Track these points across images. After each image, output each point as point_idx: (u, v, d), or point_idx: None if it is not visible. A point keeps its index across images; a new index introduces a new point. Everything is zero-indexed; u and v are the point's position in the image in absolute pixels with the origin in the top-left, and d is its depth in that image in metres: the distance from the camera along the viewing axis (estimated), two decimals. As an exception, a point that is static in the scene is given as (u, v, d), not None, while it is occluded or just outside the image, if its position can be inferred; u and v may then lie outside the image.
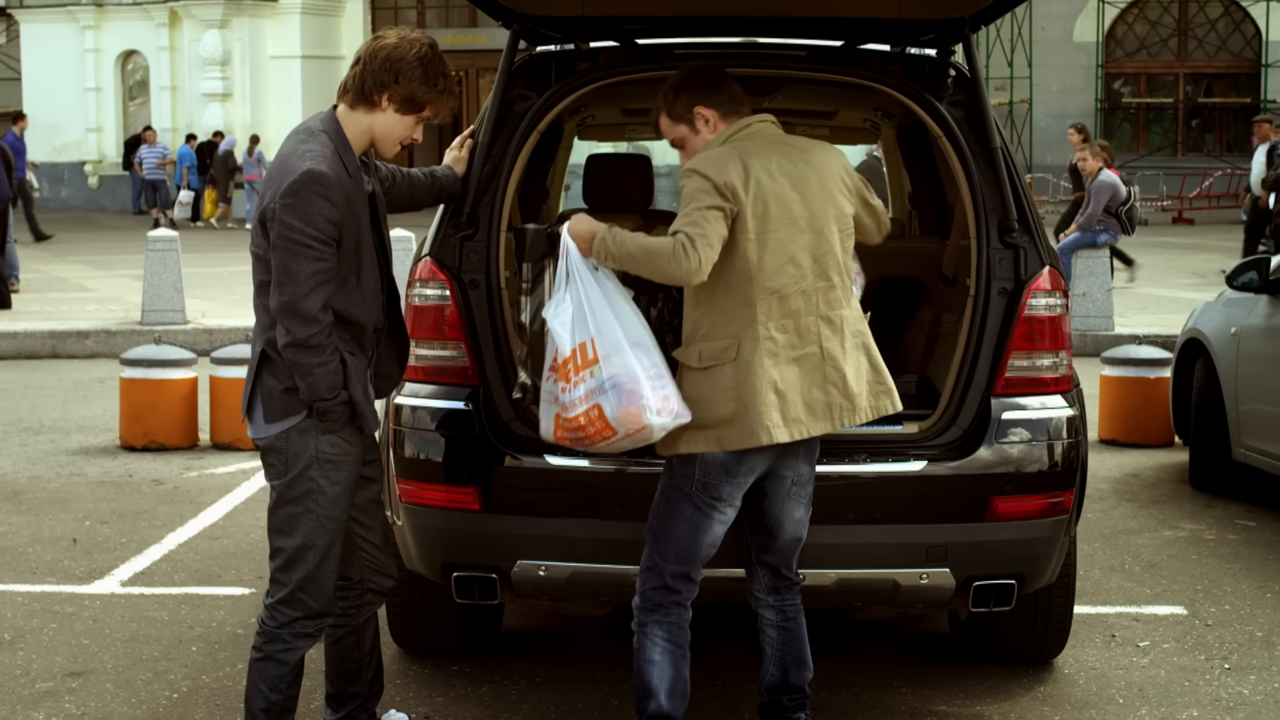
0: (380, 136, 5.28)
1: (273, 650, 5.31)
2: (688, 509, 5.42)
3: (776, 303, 5.34)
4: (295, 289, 5.02)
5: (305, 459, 5.20)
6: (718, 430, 5.32)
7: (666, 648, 5.45)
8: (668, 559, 5.45)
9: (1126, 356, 12.06)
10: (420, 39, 5.27)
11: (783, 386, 5.31)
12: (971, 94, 6.29)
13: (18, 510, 9.75)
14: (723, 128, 5.54)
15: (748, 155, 5.40)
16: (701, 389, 5.36)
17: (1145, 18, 39.07)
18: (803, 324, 5.37)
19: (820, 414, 5.38)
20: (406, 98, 5.22)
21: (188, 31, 39.96)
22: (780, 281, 5.34)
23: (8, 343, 16.97)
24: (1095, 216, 18.49)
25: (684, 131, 5.60)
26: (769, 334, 5.32)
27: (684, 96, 5.58)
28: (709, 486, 5.39)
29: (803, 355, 5.37)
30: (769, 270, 5.33)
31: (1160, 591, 8.06)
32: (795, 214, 5.40)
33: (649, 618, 5.47)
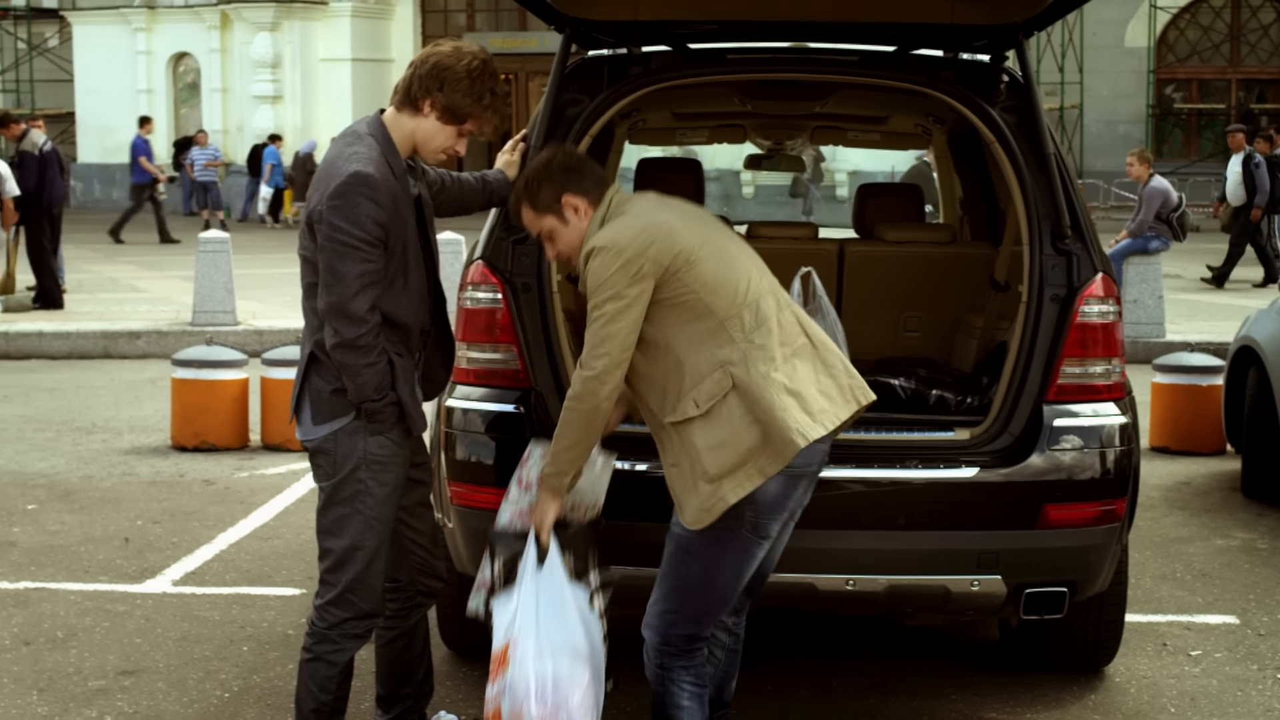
0: (421, 142, 5.29)
1: (322, 651, 5.33)
2: (734, 555, 5.11)
3: (749, 314, 5.06)
4: (343, 290, 5.04)
5: (353, 460, 5.21)
6: (755, 461, 4.98)
7: (695, 692, 5.23)
8: (709, 610, 5.21)
9: (1178, 364, 11.99)
10: (474, 53, 5.26)
11: (794, 385, 5.04)
12: (1025, 99, 6.28)
13: (70, 509, 9.81)
14: (592, 213, 5.24)
15: (646, 208, 5.19)
16: (715, 431, 5.00)
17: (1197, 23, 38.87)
18: (782, 320, 5.14)
19: (838, 397, 5.13)
20: (448, 107, 5.21)
21: (239, 34, 40.13)
22: (740, 293, 5.08)
23: (60, 343, 17.08)
24: (1147, 223, 18.41)
25: (552, 223, 5.27)
26: (754, 344, 5.04)
27: (548, 186, 5.25)
28: (759, 526, 5.07)
29: (796, 349, 5.12)
30: (725, 291, 5.06)
31: (1212, 600, 8.01)
32: (717, 234, 5.24)
33: (675, 663, 5.22)
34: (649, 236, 5.02)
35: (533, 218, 5.32)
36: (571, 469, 5.21)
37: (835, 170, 35.83)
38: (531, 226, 5.36)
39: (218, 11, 40.07)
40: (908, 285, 7.96)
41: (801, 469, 5.07)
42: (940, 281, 7.84)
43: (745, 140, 10.50)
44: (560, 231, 5.28)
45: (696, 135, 10.13)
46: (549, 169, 5.29)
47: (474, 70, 5.20)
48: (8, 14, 44.91)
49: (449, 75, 5.19)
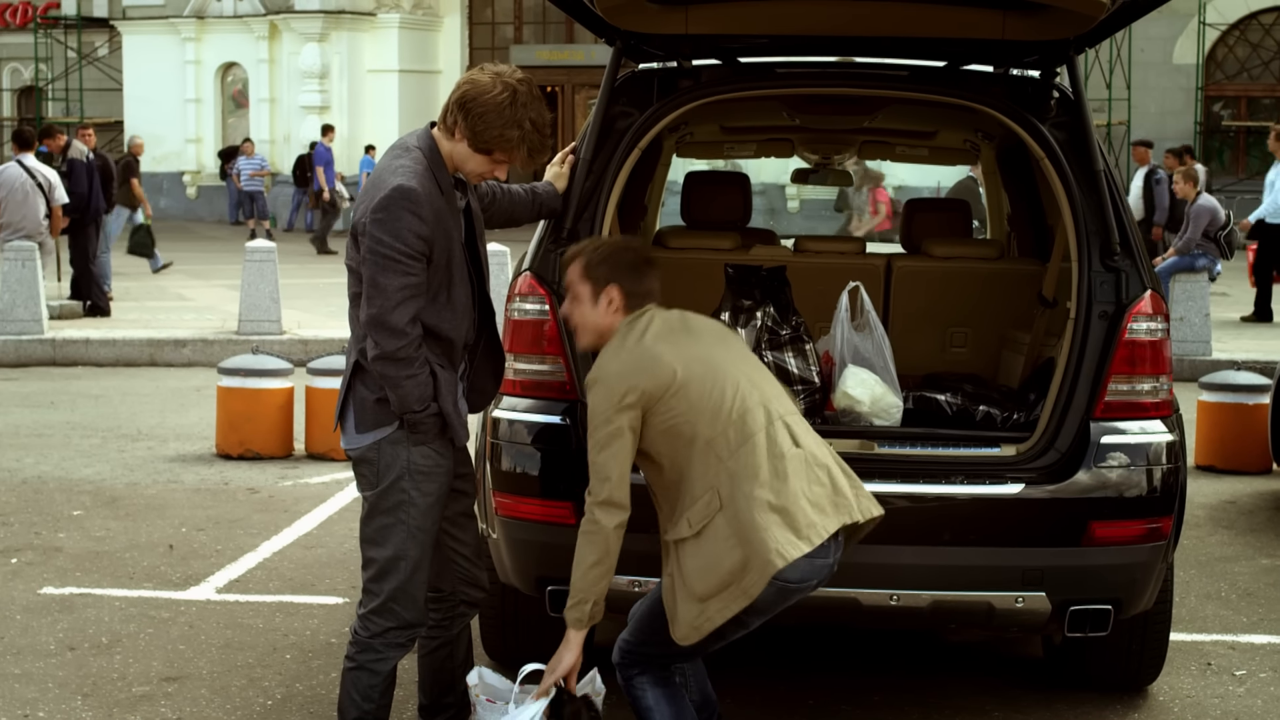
0: (459, 165, 5.29)
1: (365, 660, 5.35)
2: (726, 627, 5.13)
3: (733, 432, 5.12)
4: (384, 302, 5.06)
5: (397, 470, 5.23)
6: (739, 583, 5.02)
7: (656, 687, 5.28)
8: (669, 658, 5.32)
9: (1224, 382, 11.94)
10: (508, 83, 5.17)
11: (779, 501, 5.04)
12: (1075, 116, 6.27)
13: (116, 516, 9.86)
14: (618, 318, 5.36)
15: (648, 340, 5.25)
16: (703, 552, 5.08)
17: (1247, 40, 38.66)
18: (772, 432, 5.14)
19: (829, 509, 5.10)
20: (473, 138, 5.19)
21: (287, 44, 40.28)
22: (725, 411, 5.14)
23: (107, 350, 17.17)
24: (1194, 241, 18.34)
25: (586, 293, 5.39)
26: (739, 462, 5.09)
27: (607, 267, 5.37)
28: (744, 622, 5.13)
29: (788, 460, 5.11)
30: (708, 412, 5.14)
31: (1257, 620, 7.97)
32: (710, 353, 5.27)
33: (630, 671, 5.32)
34: (636, 369, 5.18)
35: (576, 276, 5.42)
36: (592, 595, 5.24)
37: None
38: (568, 279, 5.46)
39: (266, 22, 40.24)
40: (955, 301, 7.94)
41: (797, 584, 5.06)
42: (987, 297, 7.82)
43: (792, 154, 10.50)
44: (584, 307, 5.41)
45: (744, 149, 10.13)
46: (620, 255, 5.41)
47: (501, 102, 5.14)
48: (58, 23, 45.18)
49: (474, 107, 5.16)
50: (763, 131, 9.22)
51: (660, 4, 6.07)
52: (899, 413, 6.30)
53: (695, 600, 5.08)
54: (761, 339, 6.61)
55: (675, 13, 6.12)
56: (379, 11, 40.08)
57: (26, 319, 17.15)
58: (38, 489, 10.61)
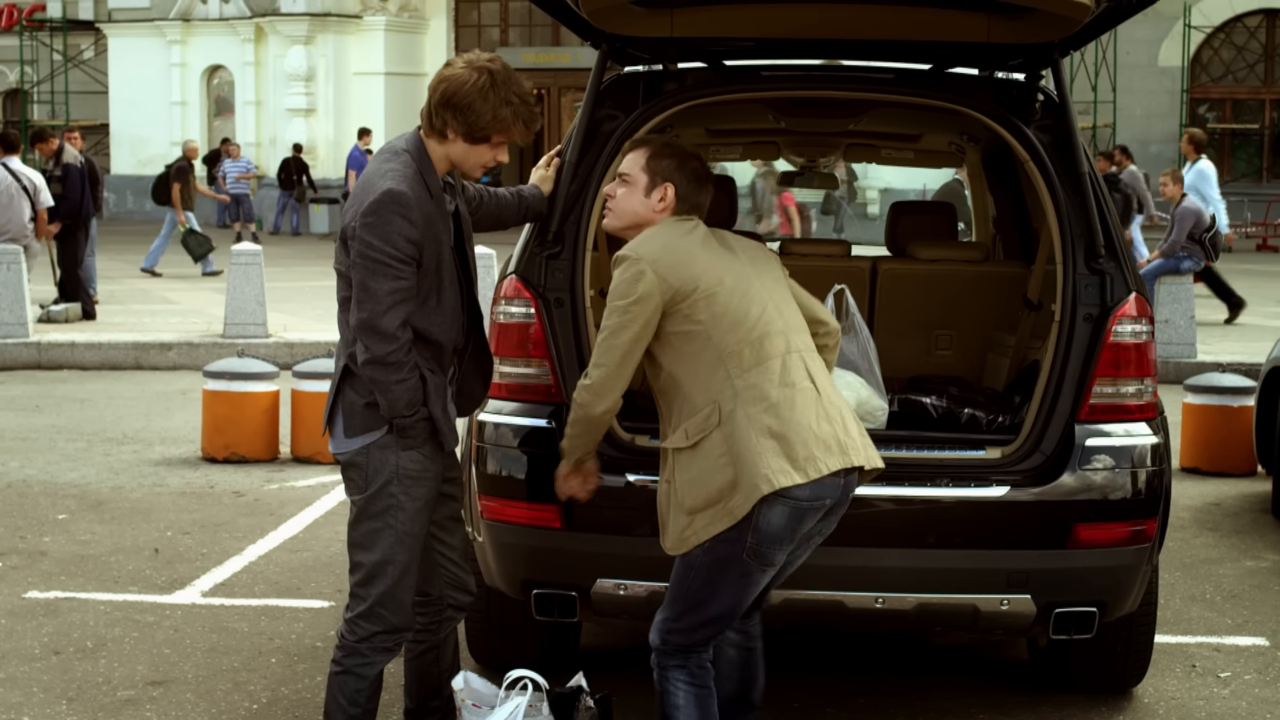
0: (458, 163, 5.30)
1: (352, 664, 5.34)
2: (735, 577, 5.10)
3: (749, 352, 5.10)
4: (374, 306, 5.05)
5: (386, 474, 5.23)
6: (725, 502, 5.00)
7: (690, 691, 5.20)
8: (706, 625, 5.18)
9: (1209, 384, 11.97)
10: (483, 67, 5.18)
11: (780, 428, 5.01)
12: (1060, 119, 6.27)
13: (101, 519, 9.85)
14: (663, 217, 5.36)
15: (689, 240, 5.27)
16: (696, 465, 5.07)
17: (1232, 42, 38.76)
18: (788, 362, 5.12)
19: (835, 447, 5.06)
20: (468, 130, 5.20)
21: (273, 47, 40.24)
22: (746, 328, 5.13)
23: (92, 353, 17.15)
24: (1179, 243, 18.37)
25: (639, 181, 5.40)
26: (749, 383, 5.07)
27: (670, 164, 5.39)
28: (762, 554, 5.06)
29: (798, 391, 5.09)
30: (729, 324, 5.12)
31: (1242, 622, 7.99)
32: (739, 269, 5.26)
33: (670, 662, 5.22)
34: (671, 259, 5.17)
35: (638, 164, 5.42)
36: (579, 452, 5.52)
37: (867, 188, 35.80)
38: (626, 165, 5.48)
39: (252, 25, 40.20)
40: (940, 303, 7.95)
41: (809, 502, 5.02)
42: (973, 300, 7.83)
43: (778, 157, 10.50)
44: (635, 195, 5.41)
45: (730, 152, 10.13)
46: (686, 161, 5.43)
47: (483, 87, 5.16)
48: (44, 26, 45.12)
49: (459, 101, 5.16)
50: (748, 134, 9.22)
51: (645, 7, 6.07)
52: (884, 415, 6.30)
53: (684, 512, 5.08)
54: None
55: (660, 16, 6.12)
56: (365, 14, 40.06)
57: (12, 322, 17.12)
58: (23, 493, 10.60)
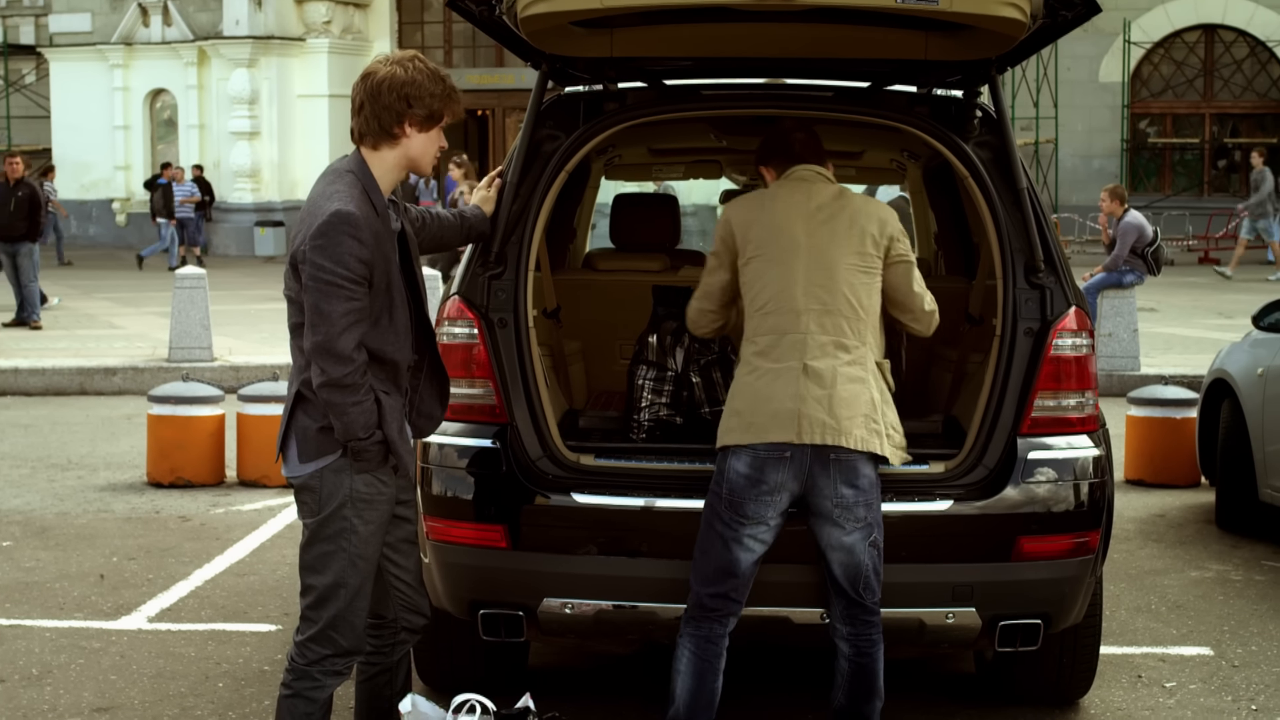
0: (415, 160, 5.31)
1: (302, 687, 5.32)
2: (719, 527, 5.59)
3: (759, 319, 5.71)
4: (329, 329, 5.05)
5: (339, 498, 5.21)
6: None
7: (692, 660, 5.62)
8: (703, 579, 5.63)
9: (1152, 397, 12.04)
10: (407, 57, 5.30)
11: (747, 399, 5.63)
12: (998, 134, 6.32)
13: (45, 546, 9.79)
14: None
15: (768, 193, 5.87)
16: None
17: (1171, 58, 39.01)
18: (785, 340, 5.64)
19: (785, 424, 5.55)
20: (426, 116, 5.24)
21: (216, 70, 40.05)
22: (764, 299, 5.71)
23: (36, 379, 17.05)
24: (1122, 257, 18.46)
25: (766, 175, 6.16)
26: (753, 349, 5.70)
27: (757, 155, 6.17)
28: (734, 504, 5.57)
29: (784, 369, 5.61)
30: (755, 290, 5.74)
31: (1187, 632, 8.04)
32: (795, 241, 5.73)
33: (685, 629, 5.67)
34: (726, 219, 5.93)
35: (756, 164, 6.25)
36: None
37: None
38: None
39: (195, 48, 40.02)
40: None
41: (766, 451, 5.55)
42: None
43: (721, 175, 10.53)
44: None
45: (672, 171, 10.15)
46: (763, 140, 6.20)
47: (423, 71, 5.25)
48: (-16, 51, 44.88)
49: (411, 89, 5.20)
50: (691, 153, 9.25)
51: (585, 27, 6.08)
52: None
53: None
54: (690, 359, 6.63)
55: (600, 36, 6.14)
56: (308, 37, 39.94)
57: (-46, 349, 17.04)
58: (-34, 520, 10.53)
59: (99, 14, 41.61)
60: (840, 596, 5.69)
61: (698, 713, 5.61)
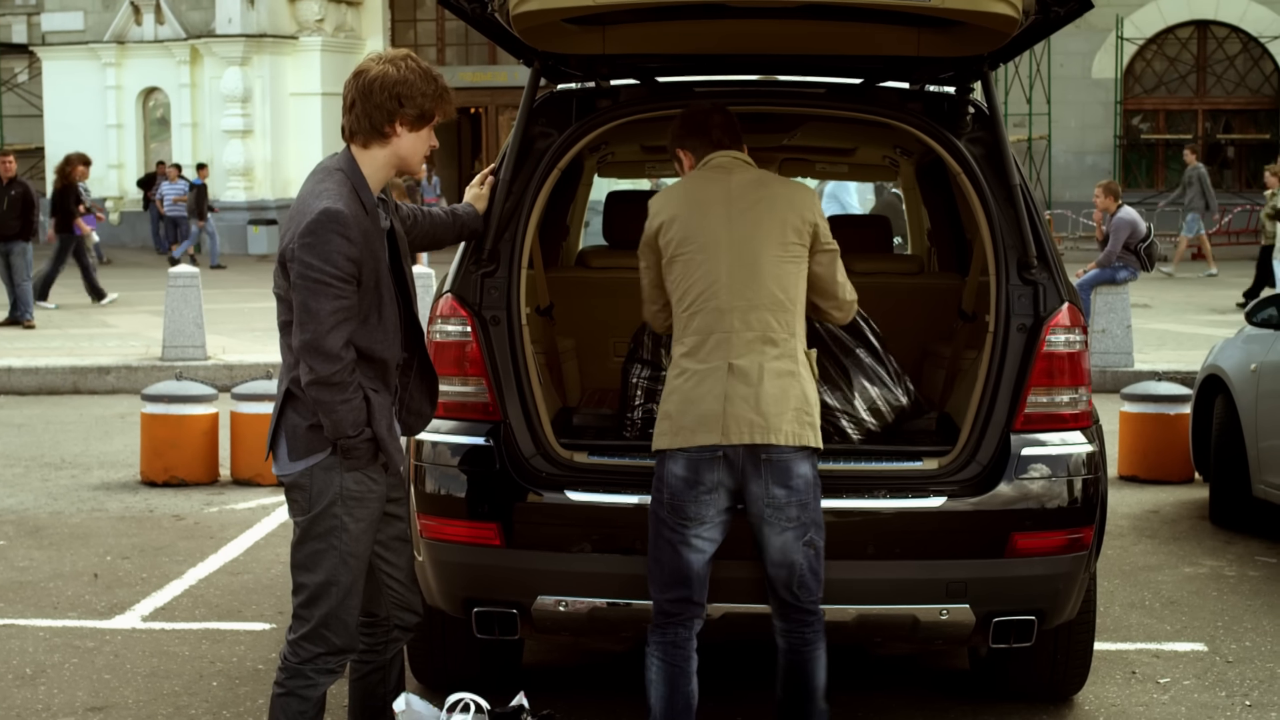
0: (405, 159, 5.31)
1: (295, 686, 5.32)
2: (666, 532, 5.58)
3: (685, 319, 5.65)
4: (317, 327, 5.04)
5: (329, 496, 5.21)
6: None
7: (661, 667, 5.61)
8: (660, 585, 5.62)
9: (1146, 393, 12.04)
10: (399, 56, 5.30)
11: (676, 401, 5.58)
12: (990, 131, 6.32)
13: (39, 545, 9.78)
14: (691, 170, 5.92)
15: (686, 185, 5.83)
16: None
17: (1164, 54, 39.06)
18: (711, 340, 5.59)
19: (712, 426, 5.51)
20: (417, 115, 5.24)
21: (208, 69, 40.06)
22: (689, 299, 5.64)
23: (29, 378, 17.03)
24: (1115, 253, 18.48)
25: (676, 167, 6.04)
26: (681, 349, 5.65)
27: (671, 135, 6.01)
28: (676, 507, 5.54)
29: (708, 369, 5.56)
30: (680, 291, 5.68)
31: (1181, 628, 8.04)
32: (716, 236, 5.66)
33: (651, 638, 5.66)
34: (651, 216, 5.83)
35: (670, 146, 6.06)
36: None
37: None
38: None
39: (188, 46, 40.02)
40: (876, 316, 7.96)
41: (699, 454, 5.51)
42: (908, 312, 7.86)
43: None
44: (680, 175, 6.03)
45: (665, 168, 10.14)
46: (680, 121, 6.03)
47: (415, 70, 5.25)
48: (-24, 50, 44.83)
49: (402, 88, 5.21)
50: (684, 151, 9.23)
51: (577, 24, 6.08)
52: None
53: None
54: None
55: (592, 33, 6.14)
56: (301, 35, 39.94)
57: (-53, 348, 17.03)
58: (-40, 520, 10.52)
59: (91, 12, 41.60)
60: (774, 595, 5.67)
61: (677, 715, 5.60)
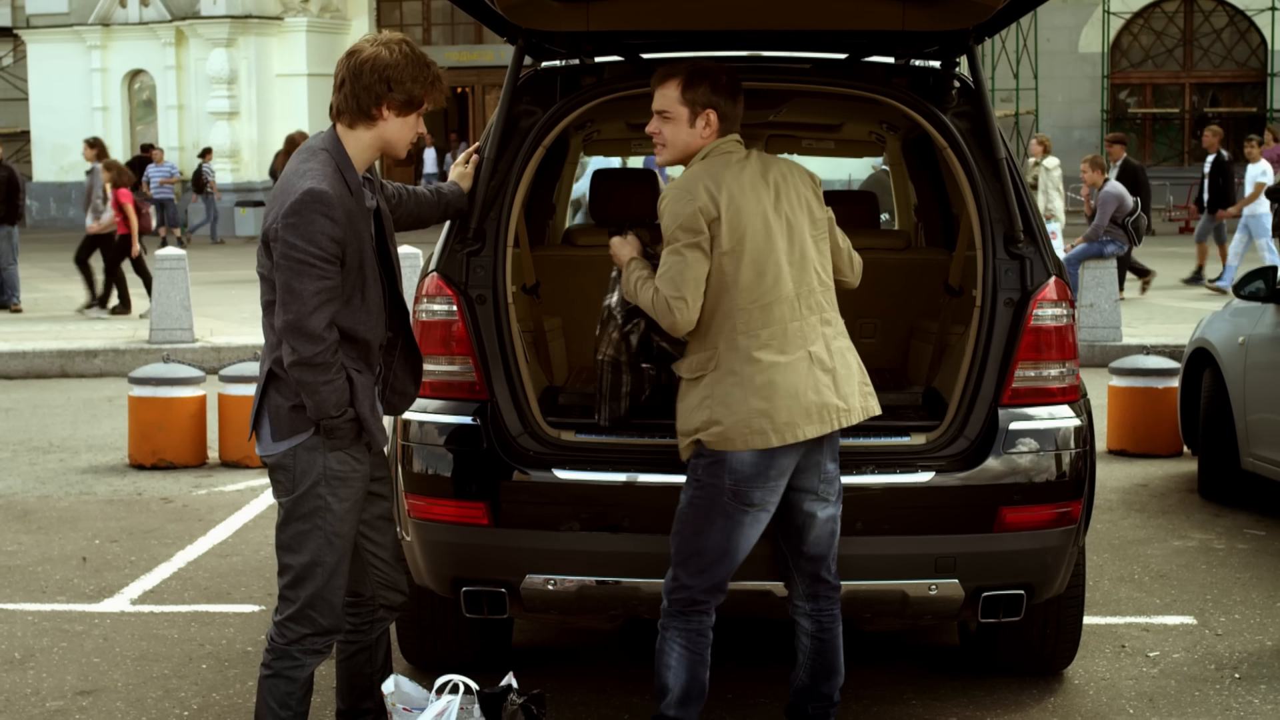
0: (390, 143, 5.29)
1: (282, 667, 5.31)
2: (720, 520, 5.43)
3: (759, 311, 5.41)
4: (300, 308, 5.03)
5: (313, 476, 5.20)
6: (702, 434, 5.43)
7: (683, 654, 5.52)
8: (701, 573, 5.48)
9: (1134, 367, 12.05)
10: (395, 39, 5.27)
11: (768, 394, 5.36)
12: (976, 105, 6.30)
13: (27, 529, 9.76)
14: (710, 140, 5.57)
15: (719, 171, 5.50)
16: (686, 397, 5.50)
17: (1150, 28, 39.07)
18: (789, 329, 5.43)
19: (815, 416, 5.42)
20: (405, 101, 5.22)
21: (194, 50, 40.00)
22: (760, 290, 5.41)
23: (17, 362, 17.00)
24: (1102, 227, 18.49)
25: (680, 115, 5.56)
26: (751, 342, 5.40)
27: (704, 91, 5.54)
28: (740, 493, 5.41)
29: (793, 360, 5.41)
30: (747, 281, 5.41)
31: (1170, 601, 8.05)
32: (770, 223, 5.48)
33: (671, 622, 5.53)
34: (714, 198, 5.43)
35: (671, 101, 5.57)
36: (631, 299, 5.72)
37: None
38: (661, 102, 5.61)
39: (173, 28, 39.94)
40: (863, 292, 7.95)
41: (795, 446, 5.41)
42: (895, 288, 7.86)
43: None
44: (680, 128, 5.59)
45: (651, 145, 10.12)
46: (718, 77, 5.57)
47: (408, 55, 5.22)
48: (-39, 33, 44.74)
49: (392, 72, 5.18)
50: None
51: (561, 2, 6.06)
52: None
53: (679, 431, 5.53)
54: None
55: (576, 10, 6.11)
56: (286, 15, 39.88)
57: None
58: (-53, 504, 10.50)
59: (75, -5, 41.50)
60: (806, 574, 5.67)
61: (691, 701, 5.58)
